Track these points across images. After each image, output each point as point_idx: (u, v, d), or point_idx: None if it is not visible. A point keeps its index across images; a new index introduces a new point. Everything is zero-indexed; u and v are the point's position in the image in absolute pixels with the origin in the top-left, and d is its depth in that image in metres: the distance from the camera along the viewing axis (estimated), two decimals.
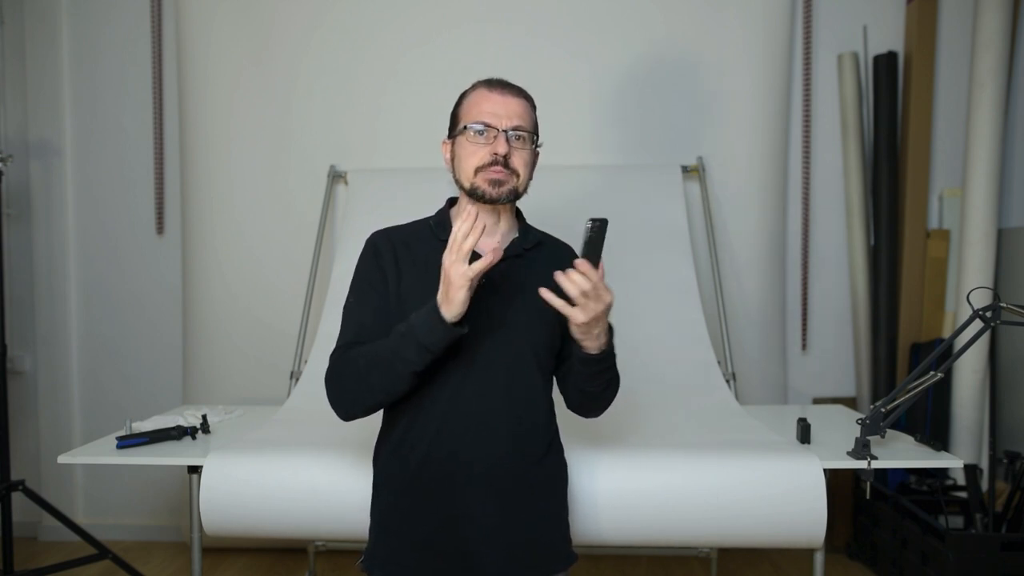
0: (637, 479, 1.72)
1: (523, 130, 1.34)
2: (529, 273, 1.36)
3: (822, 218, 3.16)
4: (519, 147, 1.34)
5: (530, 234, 1.43)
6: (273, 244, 3.03)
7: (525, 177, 1.36)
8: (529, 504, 1.34)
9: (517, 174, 1.34)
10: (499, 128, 1.32)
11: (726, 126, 2.98)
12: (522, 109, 1.36)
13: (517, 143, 1.34)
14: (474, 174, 1.33)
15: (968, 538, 2.33)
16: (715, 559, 2.72)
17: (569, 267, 1.22)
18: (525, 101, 1.38)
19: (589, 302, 1.20)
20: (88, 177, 3.27)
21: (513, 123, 1.33)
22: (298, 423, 2.10)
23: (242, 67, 3.02)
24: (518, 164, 1.34)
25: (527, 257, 1.39)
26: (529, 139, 1.36)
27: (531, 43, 2.98)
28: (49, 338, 3.26)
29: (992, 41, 2.78)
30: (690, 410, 2.22)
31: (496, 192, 1.32)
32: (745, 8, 2.94)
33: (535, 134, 1.38)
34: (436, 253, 1.29)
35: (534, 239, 1.42)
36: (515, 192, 1.35)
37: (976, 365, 2.84)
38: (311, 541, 2.72)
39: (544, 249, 1.43)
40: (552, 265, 1.31)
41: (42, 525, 3.23)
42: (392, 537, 1.35)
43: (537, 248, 1.42)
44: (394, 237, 1.41)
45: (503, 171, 1.32)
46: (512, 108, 1.34)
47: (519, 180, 1.35)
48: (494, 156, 1.31)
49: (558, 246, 1.48)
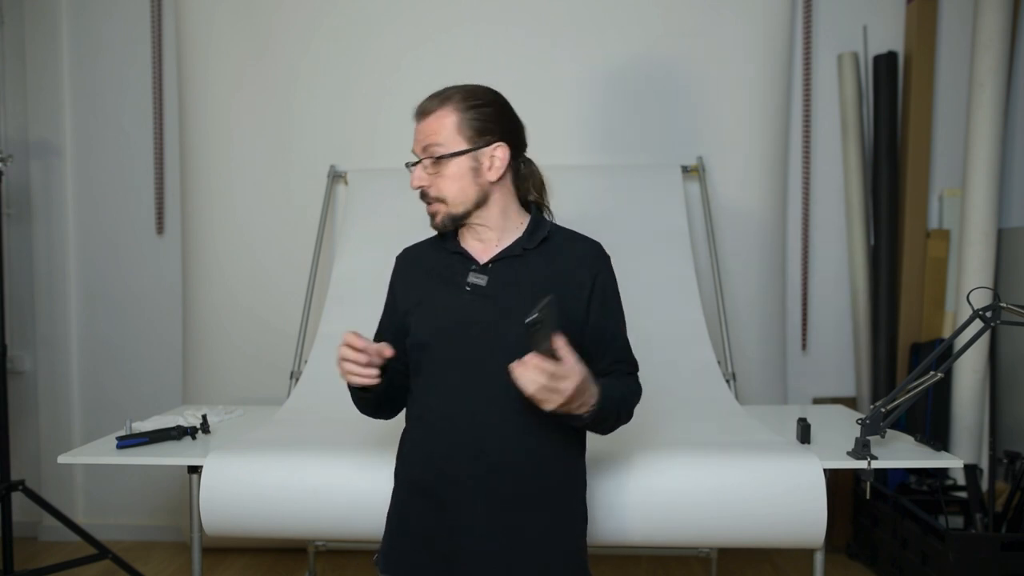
0: (637, 479, 1.72)
1: (436, 150, 1.30)
2: (527, 272, 1.33)
3: (822, 218, 3.16)
4: (436, 170, 1.30)
5: (538, 231, 1.37)
6: (273, 244, 3.03)
7: (456, 197, 1.31)
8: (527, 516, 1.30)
9: (444, 200, 1.31)
10: (413, 161, 1.34)
11: (726, 126, 2.98)
12: (434, 126, 1.30)
13: (435, 167, 1.30)
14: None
15: (968, 538, 2.33)
16: (715, 559, 2.71)
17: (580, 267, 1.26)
18: (441, 113, 1.30)
19: (551, 394, 1.13)
20: (88, 177, 3.27)
21: (423, 148, 1.31)
22: (298, 423, 2.10)
23: (242, 67, 3.02)
24: (441, 189, 1.31)
25: (527, 257, 1.34)
26: (449, 154, 1.29)
27: (531, 43, 2.98)
28: (49, 338, 3.26)
29: (992, 41, 2.78)
30: (690, 410, 2.21)
31: (433, 225, 1.35)
32: (745, 8, 2.94)
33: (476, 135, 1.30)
34: (440, 263, 1.37)
35: (541, 236, 1.36)
36: (452, 217, 1.32)
37: (976, 365, 2.84)
38: (311, 541, 2.71)
39: (550, 245, 1.37)
40: (556, 262, 1.32)
41: (42, 525, 3.23)
42: (402, 539, 1.35)
43: (542, 246, 1.35)
44: (410, 254, 1.46)
45: (429, 204, 1.33)
46: (423, 132, 1.32)
47: (449, 205, 1.31)
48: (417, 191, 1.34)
49: (575, 244, 1.39)
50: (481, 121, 1.31)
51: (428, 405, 1.34)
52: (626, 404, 1.35)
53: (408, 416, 1.40)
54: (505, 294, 1.31)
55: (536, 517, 1.30)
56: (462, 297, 1.32)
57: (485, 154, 1.31)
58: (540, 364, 1.11)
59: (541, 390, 1.13)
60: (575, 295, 1.33)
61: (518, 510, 1.29)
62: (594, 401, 1.21)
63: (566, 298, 1.30)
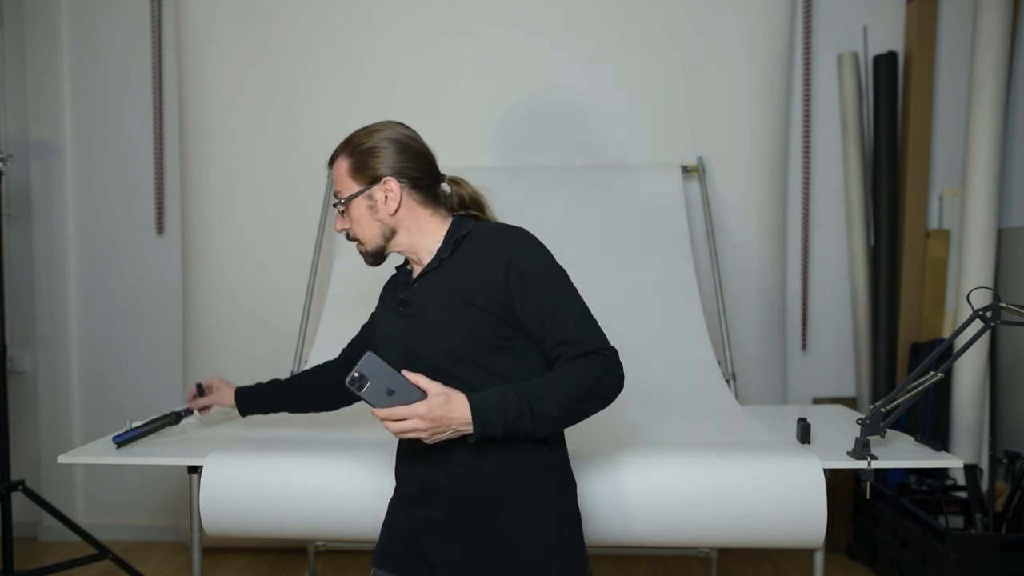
0: (637, 479, 1.72)
1: (339, 198, 1.39)
2: (444, 282, 1.33)
3: (822, 218, 3.16)
4: (348, 216, 1.40)
5: (453, 239, 1.36)
6: (273, 244, 3.03)
7: (366, 234, 1.39)
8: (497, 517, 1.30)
9: (359, 239, 1.40)
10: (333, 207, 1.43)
11: (726, 126, 2.98)
12: (334, 175, 1.41)
13: (348, 212, 1.39)
14: None
15: (968, 538, 2.33)
16: (715, 559, 2.71)
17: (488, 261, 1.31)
18: (337, 163, 1.41)
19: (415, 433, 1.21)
20: (88, 177, 3.27)
21: (333, 196, 1.41)
22: (298, 423, 2.10)
23: (242, 67, 3.02)
24: (355, 231, 1.40)
25: (443, 266, 1.35)
26: (345, 199, 1.38)
27: (531, 44, 2.98)
28: (49, 338, 3.26)
29: (992, 41, 2.78)
30: (690, 410, 2.21)
31: (368, 262, 1.43)
32: (745, 8, 2.94)
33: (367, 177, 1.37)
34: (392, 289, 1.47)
35: (453, 242, 1.35)
36: (374, 254, 1.41)
37: (976, 365, 2.84)
38: (311, 541, 2.71)
39: (465, 246, 1.35)
40: (467, 262, 1.33)
41: (42, 525, 3.23)
42: (391, 537, 1.40)
43: (455, 253, 1.35)
44: (391, 278, 1.52)
45: (356, 245, 1.42)
46: (333, 182, 1.42)
47: (365, 244, 1.40)
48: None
49: (483, 240, 1.35)
50: (366, 160, 1.39)
51: None
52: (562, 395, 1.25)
53: None
54: (424, 310, 1.34)
55: (506, 517, 1.30)
56: (397, 319, 1.39)
57: (377, 191, 1.37)
58: (380, 415, 1.19)
59: (402, 433, 1.20)
60: (490, 290, 1.29)
61: (488, 513, 1.30)
62: (468, 420, 1.21)
63: (481, 296, 1.29)
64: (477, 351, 1.29)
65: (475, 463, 1.30)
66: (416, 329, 1.34)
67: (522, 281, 1.29)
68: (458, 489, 1.31)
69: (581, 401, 1.27)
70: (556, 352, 1.30)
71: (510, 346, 1.31)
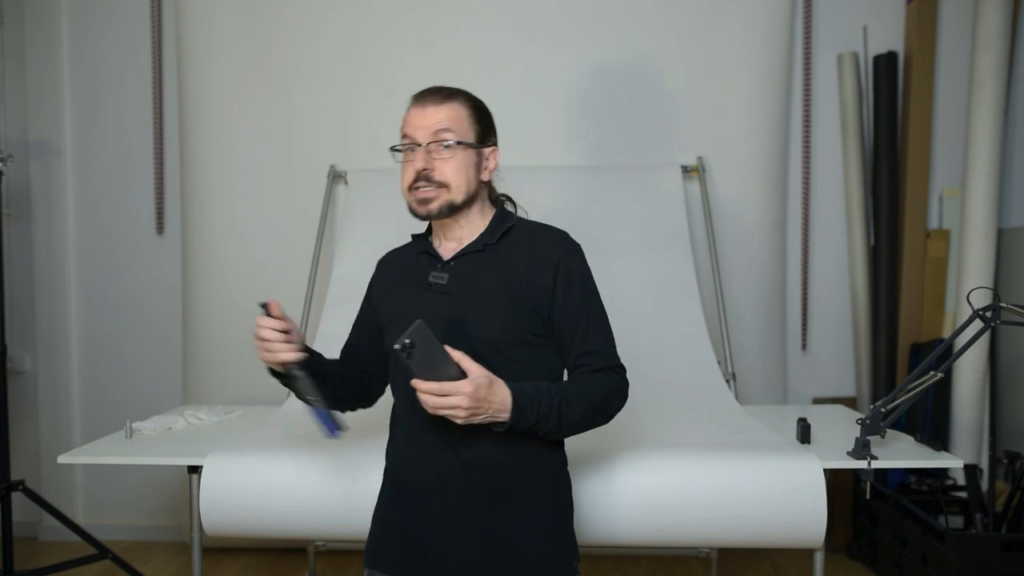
0: (637, 479, 1.72)
1: (447, 137, 1.30)
2: (487, 266, 1.33)
3: (822, 218, 3.16)
4: (445, 156, 1.30)
5: (500, 226, 1.37)
6: (273, 244, 3.03)
7: (460, 185, 1.31)
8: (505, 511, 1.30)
9: (447, 185, 1.31)
10: (418, 142, 1.31)
11: (726, 126, 2.98)
12: (446, 115, 1.31)
13: (443, 153, 1.30)
14: (408, 193, 1.33)
15: (968, 538, 2.33)
16: (715, 559, 2.71)
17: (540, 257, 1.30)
18: (452, 104, 1.33)
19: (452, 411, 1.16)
20: (88, 177, 3.27)
21: (433, 133, 1.30)
22: (298, 423, 2.10)
23: (242, 67, 3.02)
24: (446, 174, 1.30)
25: (488, 252, 1.34)
26: (460, 144, 1.31)
27: (531, 44, 2.98)
28: (49, 338, 3.26)
29: (992, 41, 2.78)
30: (690, 410, 2.21)
31: (425, 210, 1.32)
32: (745, 8, 2.94)
33: (481, 135, 1.34)
34: (410, 266, 1.39)
35: (501, 231, 1.36)
36: (451, 205, 1.31)
37: (976, 365, 2.84)
38: (311, 541, 2.71)
39: (512, 238, 1.36)
40: (516, 255, 1.32)
41: (42, 525, 3.23)
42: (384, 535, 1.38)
43: (502, 240, 1.35)
44: (388, 258, 1.49)
45: (429, 188, 1.30)
46: (432, 118, 1.31)
47: (452, 191, 1.31)
48: (417, 173, 1.30)
49: (536, 236, 1.37)
50: (484, 123, 1.37)
51: (401, 407, 1.38)
52: (585, 403, 1.29)
53: (391, 418, 1.43)
54: (464, 290, 1.32)
55: (514, 512, 1.31)
56: (425, 297, 1.34)
57: (485, 154, 1.37)
58: (423, 387, 1.15)
59: (440, 409, 1.16)
60: (536, 286, 1.31)
61: (494, 506, 1.30)
62: (507, 408, 1.20)
63: (527, 290, 1.30)
64: (509, 342, 1.30)
65: (492, 455, 1.30)
66: (449, 308, 1.31)
67: (568, 284, 1.32)
68: (470, 480, 1.30)
69: (597, 412, 1.32)
70: (580, 361, 1.33)
71: (537, 343, 1.32)
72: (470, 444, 1.29)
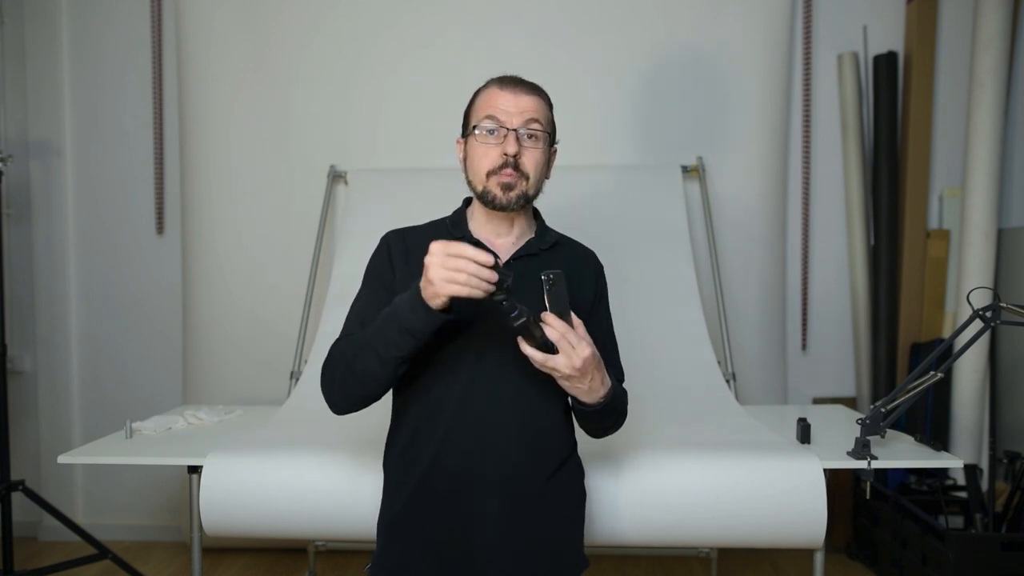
0: (637, 479, 1.72)
1: (536, 128, 1.29)
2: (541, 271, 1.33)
3: (822, 218, 3.16)
4: (531, 146, 1.28)
5: (547, 234, 1.38)
6: (273, 244, 3.03)
7: (536, 179, 1.30)
8: (540, 513, 1.30)
9: (527, 176, 1.28)
10: (509, 127, 1.27)
11: (726, 126, 2.98)
12: (536, 106, 1.30)
13: (529, 142, 1.28)
14: (486, 177, 1.29)
15: (968, 538, 2.33)
16: (715, 559, 2.72)
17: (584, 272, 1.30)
18: (540, 99, 1.32)
19: (569, 355, 1.14)
20: (88, 177, 3.27)
21: (525, 121, 1.28)
22: (298, 423, 2.10)
23: (242, 67, 3.02)
24: (529, 165, 1.28)
25: (543, 257, 1.34)
26: (544, 138, 1.30)
27: (531, 44, 2.98)
28: (49, 338, 3.26)
29: (992, 41, 2.78)
30: (690, 410, 2.21)
31: (506, 198, 1.28)
32: (745, 8, 2.94)
33: (551, 134, 1.34)
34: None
35: (551, 239, 1.38)
36: (525, 197, 1.29)
37: (976, 365, 2.84)
38: (311, 541, 2.71)
39: (561, 250, 1.39)
40: (568, 266, 1.30)
41: (42, 525, 3.23)
42: (399, 543, 1.31)
43: (553, 249, 1.37)
44: (408, 237, 1.38)
45: (513, 174, 1.27)
46: (524, 105, 1.28)
47: (529, 183, 1.29)
48: (504, 157, 1.27)
49: (576, 248, 1.44)
50: (554, 124, 1.38)
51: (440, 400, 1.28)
52: (624, 408, 1.36)
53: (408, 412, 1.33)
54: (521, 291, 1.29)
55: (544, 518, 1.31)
56: None
57: (552, 153, 1.38)
58: (554, 321, 1.14)
59: (548, 363, 1.14)
60: (586, 295, 1.37)
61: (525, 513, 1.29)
62: (606, 390, 1.23)
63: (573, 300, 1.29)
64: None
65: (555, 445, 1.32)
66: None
67: (603, 297, 1.41)
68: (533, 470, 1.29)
69: (618, 424, 1.36)
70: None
71: None
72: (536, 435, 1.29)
